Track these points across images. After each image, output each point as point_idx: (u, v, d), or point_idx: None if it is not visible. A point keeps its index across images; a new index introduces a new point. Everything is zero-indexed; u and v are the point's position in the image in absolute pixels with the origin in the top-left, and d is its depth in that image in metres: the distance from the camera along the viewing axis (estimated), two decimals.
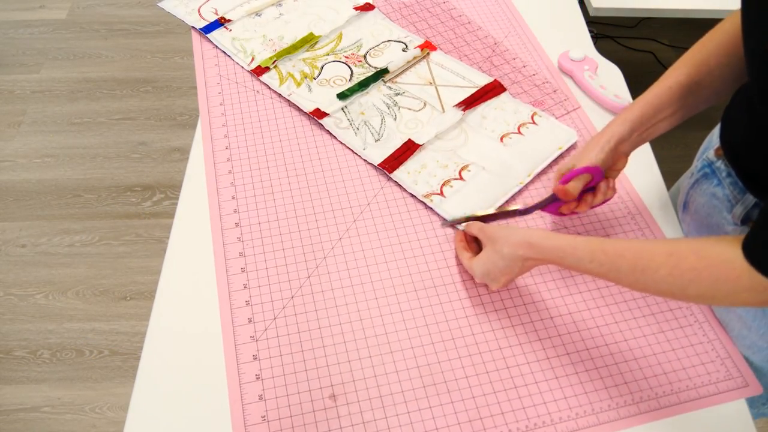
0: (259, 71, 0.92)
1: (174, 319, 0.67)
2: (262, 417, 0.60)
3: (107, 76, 2.04)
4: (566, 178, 0.67)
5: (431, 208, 0.76)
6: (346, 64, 0.93)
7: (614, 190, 0.69)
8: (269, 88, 0.90)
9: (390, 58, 0.93)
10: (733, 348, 0.66)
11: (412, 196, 0.77)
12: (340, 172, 0.80)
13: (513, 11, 1.04)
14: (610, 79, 0.93)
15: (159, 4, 0.99)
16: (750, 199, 0.62)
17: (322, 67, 0.92)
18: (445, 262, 0.72)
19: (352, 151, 0.82)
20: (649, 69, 1.96)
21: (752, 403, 0.73)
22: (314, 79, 0.90)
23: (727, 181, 0.66)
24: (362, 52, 0.94)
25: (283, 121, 0.86)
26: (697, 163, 0.73)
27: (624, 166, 0.69)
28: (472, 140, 0.82)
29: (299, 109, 0.87)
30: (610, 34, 2.05)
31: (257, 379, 0.62)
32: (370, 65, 0.92)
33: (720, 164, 0.67)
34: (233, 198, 0.77)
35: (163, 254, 0.72)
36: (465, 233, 0.71)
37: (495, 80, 0.89)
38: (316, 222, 0.75)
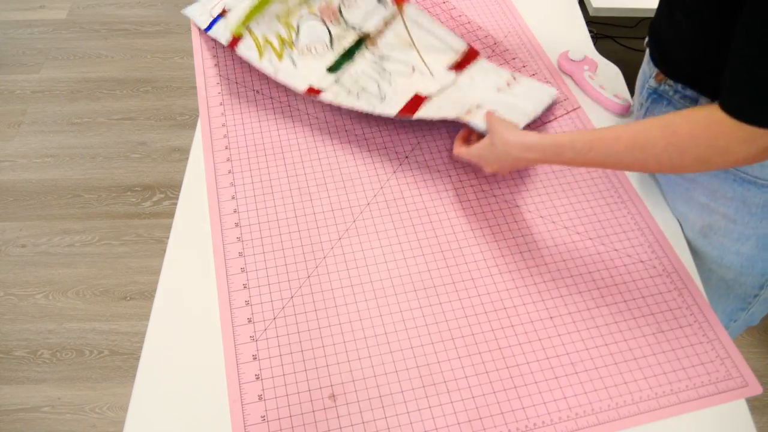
0: (234, 42, 0.88)
1: (174, 319, 0.67)
2: (261, 417, 0.60)
3: (107, 76, 2.04)
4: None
5: (431, 211, 0.76)
6: (323, 22, 0.91)
7: None
8: (261, 73, 0.90)
9: (365, 8, 0.91)
10: (733, 348, 0.66)
11: (413, 205, 0.77)
12: (340, 172, 0.80)
13: (513, 11, 1.04)
14: (610, 79, 0.93)
15: (183, 12, 0.98)
16: (704, 103, 0.66)
17: (298, 27, 0.90)
18: (444, 262, 0.72)
19: (368, 115, 0.84)
20: None
21: (738, 308, 0.80)
22: (294, 46, 0.89)
23: (675, 97, 0.70)
24: (336, 3, 0.92)
25: (282, 121, 0.86)
26: (640, 97, 0.78)
27: None
28: (471, 94, 0.84)
29: (299, 109, 0.87)
30: (610, 34, 2.05)
31: (257, 379, 0.62)
32: (346, 21, 0.91)
33: (664, 87, 0.72)
34: (233, 198, 0.77)
35: (163, 254, 0.72)
36: (469, 132, 0.78)
37: (471, 46, 0.89)
38: (316, 222, 0.75)
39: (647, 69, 0.76)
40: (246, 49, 0.88)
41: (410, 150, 0.83)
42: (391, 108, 0.81)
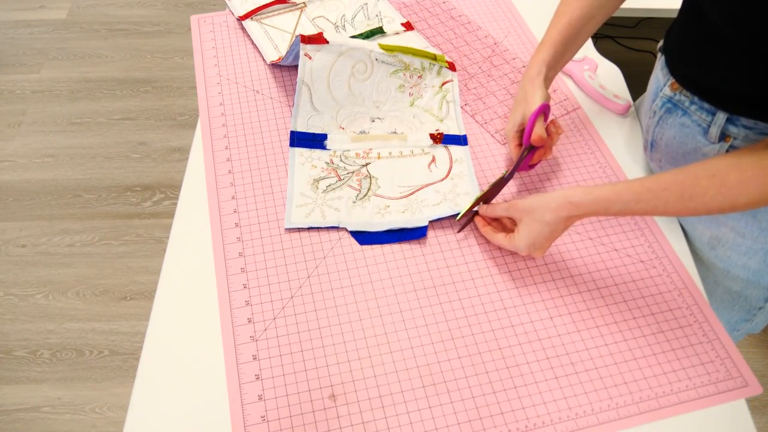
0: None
1: (174, 319, 0.67)
2: (261, 417, 0.60)
3: (107, 76, 2.04)
4: (530, 127, 0.71)
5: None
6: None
7: (559, 126, 0.76)
8: (261, 73, 0.90)
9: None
10: (733, 348, 0.66)
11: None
12: None
13: (513, 11, 1.04)
14: (610, 79, 0.93)
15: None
16: (721, 116, 0.66)
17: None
18: (444, 262, 0.72)
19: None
20: (649, 69, 1.96)
21: (742, 320, 0.80)
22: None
23: (692, 108, 0.69)
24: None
25: (283, 121, 0.86)
26: (653, 105, 0.77)
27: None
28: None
29: None
30: (610, 34, 2.05)
31: (257, 379, 0.62)
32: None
33: (680, 97, 0.71)
34: (233, 198, 0.77)
35: (163, 254, 0.72)
36: (483, 217, 0.73)
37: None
38: None
39: (661, 76, 0.75)
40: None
41: None
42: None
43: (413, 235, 0.73)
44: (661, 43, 0.78)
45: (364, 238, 0.73)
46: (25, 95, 1.97)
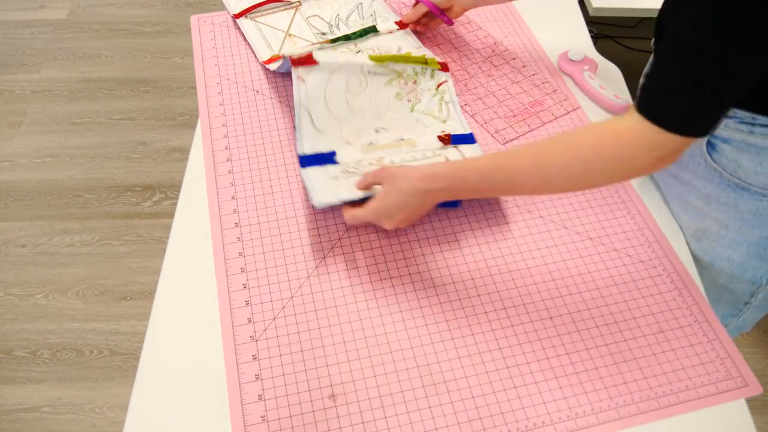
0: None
1: (174, 319, 0.67)
2: (261, 417, 0.60)
3: (107, 76, 2.04)
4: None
5: (431, 211, 0.76)
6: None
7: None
8: (261, 73, 0.90)
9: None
10: (733, 348, 0.66)
11: None
12: None
13: (513, 11, 1.04)
14: (610, 79, 0.93)
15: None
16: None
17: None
18: (444, 262, 0.72)
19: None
20: None
21: (729, 314, 0.80)
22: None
23: None
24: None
25: (283, 120, 0.86)
26: None
27: (455, 16, 0.92)
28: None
29: None
30: (610, 34, 2.05)
31: (257, 379, 0.62)
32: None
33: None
34: (233, 198, 0.77)
35: (163, 254, 0.72)
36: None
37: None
38: (316, 222, 0.75)
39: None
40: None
41: None
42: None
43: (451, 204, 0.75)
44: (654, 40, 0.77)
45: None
46: (25, 95, 1.97)
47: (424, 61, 0.87)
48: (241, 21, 0.98)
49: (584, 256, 0.73)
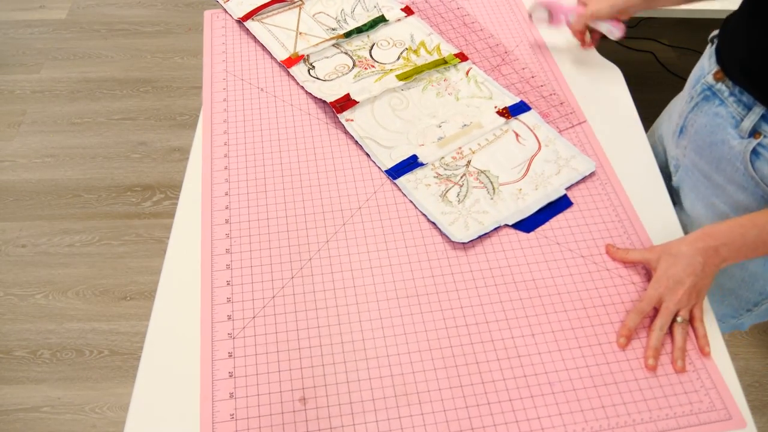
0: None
1: (174, 319, 0.67)
2: (231, 415, 0.59)
3: (107, 76, 2.04)
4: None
5: (421, 219, 0.76)
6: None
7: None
8: (267, 71, 0.90)
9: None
10: (720, 379, 0.63)
11: (410, 204, 0.77)
12: (335, 175, 0.80)
13: (526, 19, 1.02)
14: (610, 79, 0.92)
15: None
16: (757, 111, 0.66)
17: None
18: (430, 271, 0.70)
19: None
20: (649, 69, 1.96)
21: (729, 315, 0.80)
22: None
23: (730, 99, 0.70)
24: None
25: (284, 120, 0.86)
26: (692, 90, 0.77)
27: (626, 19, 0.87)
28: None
29: (301, 109, 0.87)
30: None
31: (230, 376, 0.62)
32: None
33: (721, 86, 0.71)
34: (226, 194, 0.77)
35: (163, 254, 0.72)
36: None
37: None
38: (305, 223, 0.74)
39: (707, 65, 0.75)
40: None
41: None
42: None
43: (562, 206, 0.76)
44: (714, 32, 0.77)
45: (525, 225, 0.74)
46: (25, 95, 1.97)
47: (443, 62, 0.92)
48: (249, 24, 0.98)
49: (574, 274, 0.71)
